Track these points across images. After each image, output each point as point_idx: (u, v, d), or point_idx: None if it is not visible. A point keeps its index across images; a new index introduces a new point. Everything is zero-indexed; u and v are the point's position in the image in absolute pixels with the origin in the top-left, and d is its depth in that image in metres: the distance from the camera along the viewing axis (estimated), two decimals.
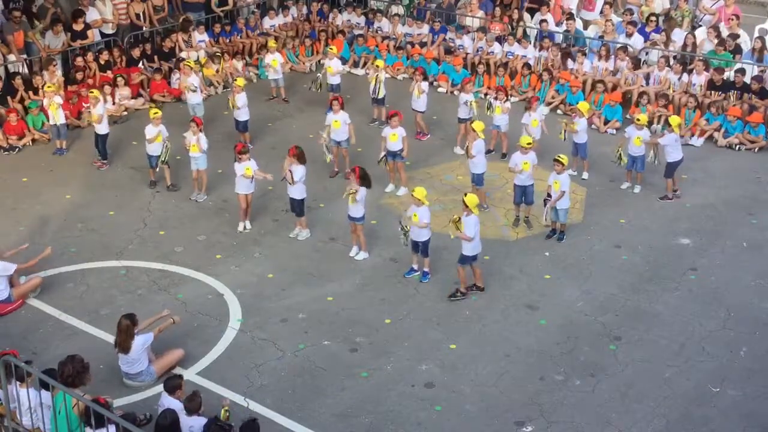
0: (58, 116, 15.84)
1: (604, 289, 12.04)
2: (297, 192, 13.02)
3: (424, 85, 16.47)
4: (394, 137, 14.21)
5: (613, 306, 11.66)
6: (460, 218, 11.56)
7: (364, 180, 12.41)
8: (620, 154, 14.49)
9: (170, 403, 9.08)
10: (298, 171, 12.87)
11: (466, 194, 11.73)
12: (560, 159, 12.93)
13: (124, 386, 10.09)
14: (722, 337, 11.07)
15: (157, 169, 14.68)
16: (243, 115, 16.07)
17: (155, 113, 14.47)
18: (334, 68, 17.68)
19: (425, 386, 10.15)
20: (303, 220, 13.31)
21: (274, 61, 18.23)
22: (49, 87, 16.10)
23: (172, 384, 9.25)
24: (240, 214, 13.49)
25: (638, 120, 14.48)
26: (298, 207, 13.18)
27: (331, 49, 18.35)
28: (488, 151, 15.96)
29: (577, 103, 15.67)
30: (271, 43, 18.85)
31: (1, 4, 18.02)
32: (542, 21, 19.78)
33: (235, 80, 16.52)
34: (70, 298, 11.78)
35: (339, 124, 14.75)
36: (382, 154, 14.34)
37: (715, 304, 11.72)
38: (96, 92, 15.44)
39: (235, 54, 20.13)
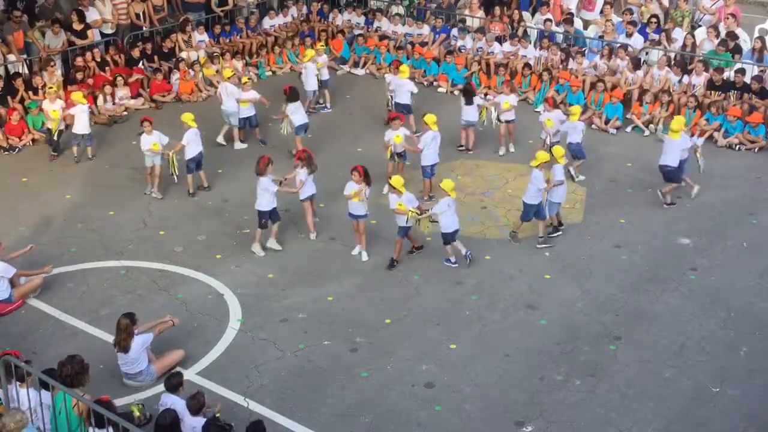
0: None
1: (604, 289, 12.03)
2: (261, 203, 12.73)
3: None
4: (398, 139, 14.27)
5: (613, 306, 11.65)
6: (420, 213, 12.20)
7: (367, 178, 12.48)
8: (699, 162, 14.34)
9: (173, 401, 9.07)
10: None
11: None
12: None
13: (124, 386, 10.08)
14: (722, 337, 11.06)
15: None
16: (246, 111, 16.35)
17: (188, 117, 14.18)
18: (320, 62, 17.83)
19: (425, 386, 10.14)
20: (259, 232, 12.82)
21: (319, 63, 17.87)
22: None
23: (174, 382, 9.26)
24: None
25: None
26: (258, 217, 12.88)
27: (322, 46, 18.50)
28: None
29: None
30: (310, 52, 17.95)
31: (1, 4, 18.03)
32: (547, 20, 19.78)
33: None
34: (70, 298, 11.77)
35: None
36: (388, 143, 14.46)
37: (715, 304, 11.71)
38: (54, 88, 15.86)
39: (235, 54, 20.13)
